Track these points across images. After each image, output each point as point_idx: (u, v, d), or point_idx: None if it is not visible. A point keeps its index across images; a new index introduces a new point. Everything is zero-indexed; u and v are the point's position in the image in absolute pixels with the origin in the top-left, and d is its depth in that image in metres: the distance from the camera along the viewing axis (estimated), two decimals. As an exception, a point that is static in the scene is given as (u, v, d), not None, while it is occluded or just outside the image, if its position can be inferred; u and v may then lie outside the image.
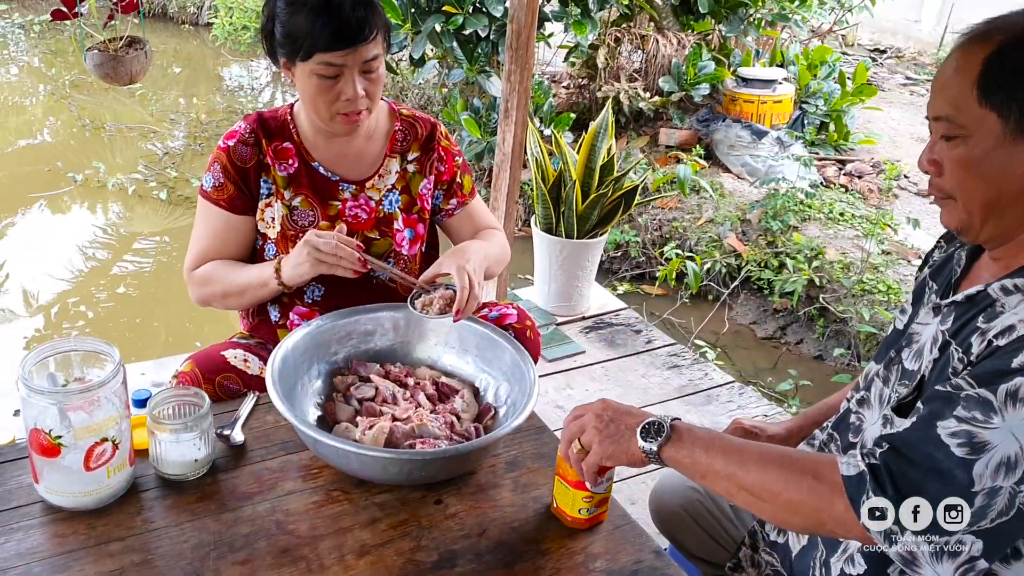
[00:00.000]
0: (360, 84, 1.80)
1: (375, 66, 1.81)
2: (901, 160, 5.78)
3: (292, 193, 1.95)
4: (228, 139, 1.95)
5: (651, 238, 5.15)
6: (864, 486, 1.14)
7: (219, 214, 1.94)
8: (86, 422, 1.38)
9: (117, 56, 2.95)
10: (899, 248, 4.69)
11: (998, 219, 1.25)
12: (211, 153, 1.91)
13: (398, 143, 2.02)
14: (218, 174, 1.93)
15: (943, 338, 1.29)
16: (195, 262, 1.96)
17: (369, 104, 1.84)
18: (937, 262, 1.49)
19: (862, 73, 5.99)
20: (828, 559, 1.42)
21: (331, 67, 1.77)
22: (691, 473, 1.29)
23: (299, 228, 1.94)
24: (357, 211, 1.97)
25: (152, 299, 4.99)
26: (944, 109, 1.23)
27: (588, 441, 1.36)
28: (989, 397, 1.12)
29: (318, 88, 1.80)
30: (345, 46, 1.75)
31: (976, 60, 1.20)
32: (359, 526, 1.46)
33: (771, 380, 4.19)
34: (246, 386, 1.86)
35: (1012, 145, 1.19)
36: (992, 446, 1.10)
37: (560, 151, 3.50)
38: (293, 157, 1.95)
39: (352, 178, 1.98)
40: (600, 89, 5.86)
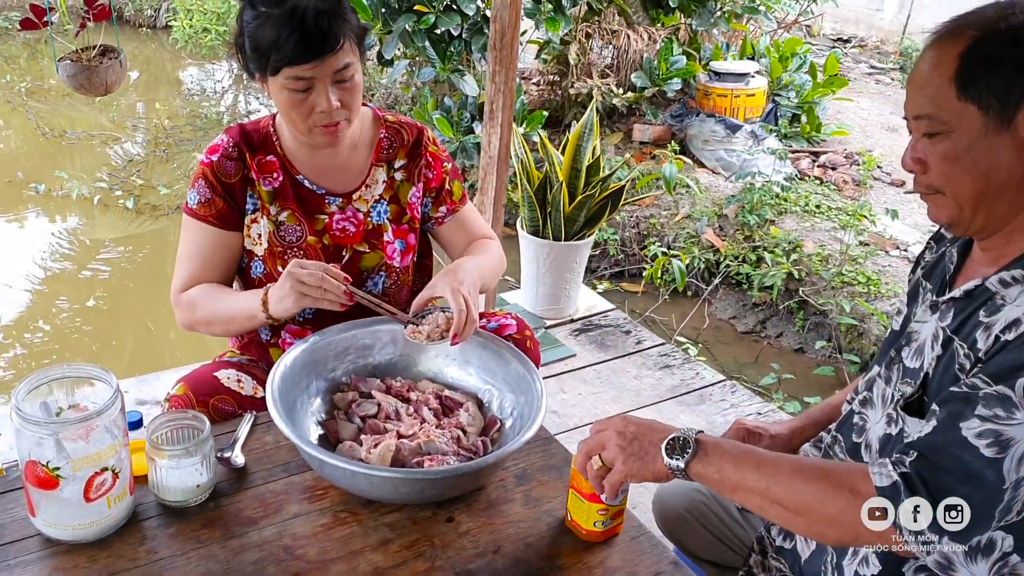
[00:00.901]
0: (334, 95, 1.74)
1: (348, 75, 1.75)
2: (873, 150, 5.82)
3: (278, 208, 1.89)
4: (211, 153, 1.89)
5: (629, 236, 5.14)
6: (899, 497, 1.14)
7: (208, 231, 1.88)
8: (84, 452, 1.33)
9: (91, 66, 2.87)
10: (877, 239, 4.71)
11: (988, 210, 1.25)
12: (176, 160, 1.84)
13: (384, 151, 1.97)
14: (204, 189, 1.87)
15: (944, 335, 1.29)
16: (183, 284, 1.89)
17: (347, 114, 1.79)
18: (930, 263, 1.49)
19: (833, 64, 6.03)
20: (840, 562, 1.41)
21: (300, 80, 1.72)
22: (720, 488, 1.27)
23: (287, 244, 1.89)
24: (345, 224, 1.92)
25: (120, 311, 4.89)
26: (924, 107, 1.24)
27: (611, 459, 1.34)
28: (1008, 393, 1.12)
29: (291, 102, 1.75)
30: (311, 58, 1.69)
31: (951, 56, 1.21)
32: (370, 548, 1.42)
33: (753, 374, 4.19)
34: (240, 407, 1.80)
35: (995, 136, 1.20)
36: (1016, 441, 1.10)
37: (546, 152, 3.47)
38: (278, 171, 1.90)
39: (338, 190, 1.92)
40: (572, 86, 5.84)
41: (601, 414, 2.96)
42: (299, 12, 1.67)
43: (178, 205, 5.89)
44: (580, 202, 3.39)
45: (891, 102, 6.95)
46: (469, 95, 4.92)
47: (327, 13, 1.69)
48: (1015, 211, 1.25)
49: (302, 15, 1.67)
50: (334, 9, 1.71)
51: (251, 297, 1.79)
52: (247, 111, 8.54)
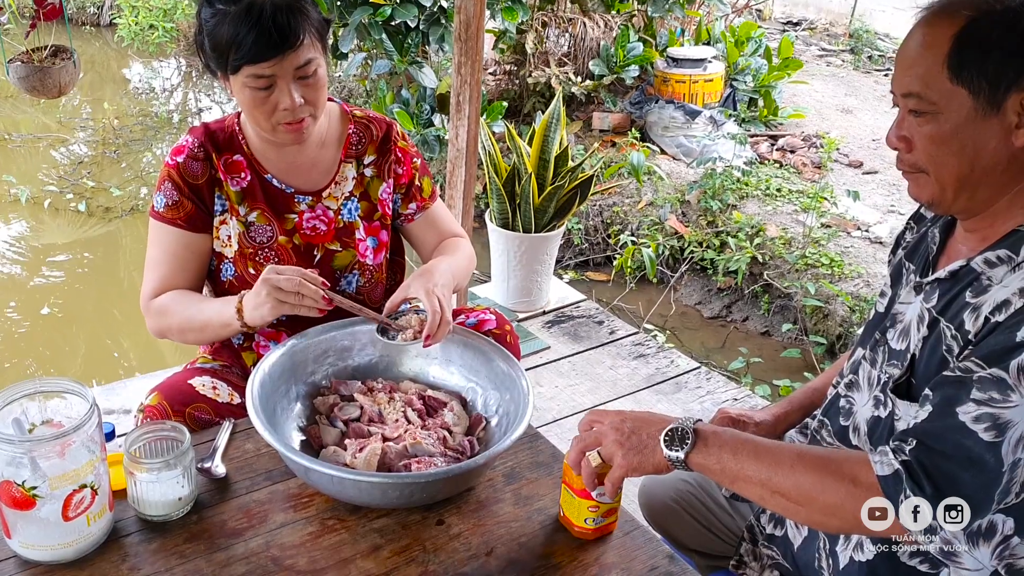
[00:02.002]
0: (297, 92, 1.70)
1: (310, 71, 1.71)
2: (829, 132, 5.87)
3: (247, 208, 1.85)
4: (176, 155, 1.84)
5: (593, 224, 5.13)
6: (901, 485, 1.14)
7: (177, 235, 1.83)
8: (62, 469, 1.27)
9: (43, 67, 2.78)
10: (839, 221, 4.75)
11: (971, 193, 1.25)
12: (127, 160, 1.77)
13: (352, 147, 1.93)
14: (171, 192, 1.82)
15: (930, 316, 1.29)
16: (153, 291, 1.83)
17: (312, 111, 1.75)
18: (911, 243, 1.49)
19: (787, 47, 6.07)
20: (833, 548, 1.41)
21: (261, 78, 1.68)
22: (720, 478, 1.27)
23: (257, 245, 1.85)
24: (315, 222, 1.88)
25: (72, 317, 4.78)
26: (913, 86, 1.23)
27: (610, 454, 1.32)
28: (1002, 375, 1.12)
29: (253, 100, 1.71)
30: (271, 56, 1.66)
31: (944, 37, 1.20)
32: (361, 555, 1.39)
33: (721, 359, 4.21)
34: (217, 415, 1.75)
35: (983, 120, 1.19)
36: (1014, 423, 1.10)
37: (513, 143, 3.44)
38: (245, 170, 1.86)
39: (307, 189, 1.89)
40: (530, 75, 5.81)
41: (579, 406, 2.95)
42: (257, 8, 1.64)
43: (132, 206, 5.78)
44: (549, 193, 3.37)
45: (844, 84, 7.01)
46: (428, 87, 4.87)
47: (286, 8, 1.65)
48: (998, 194, 1.25)
49: (260, 11, 1.64)
50: (293, 4, 1.67)
51: (225, 304, 1.74)
52: (197, 108, 8.39)
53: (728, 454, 1.25)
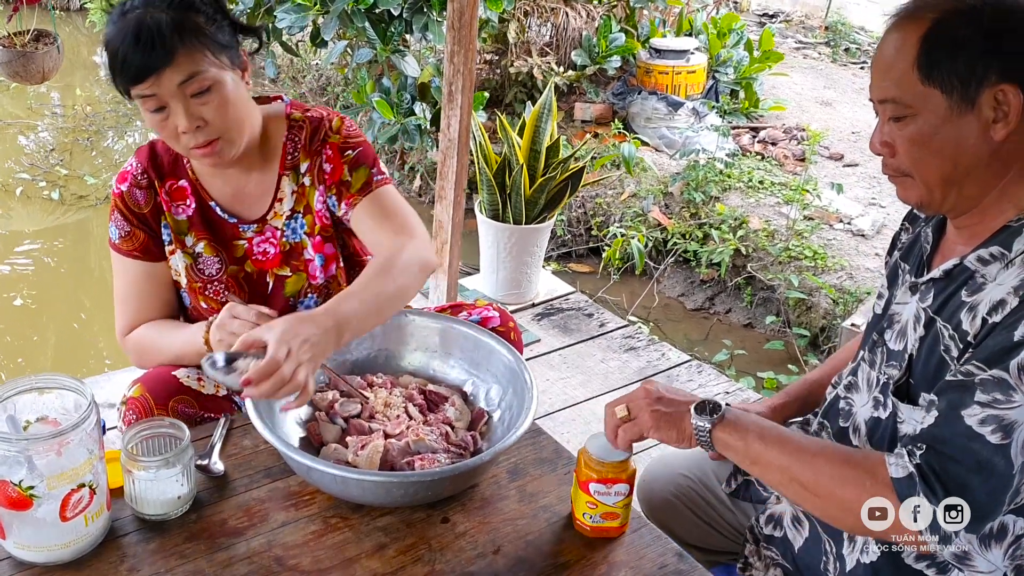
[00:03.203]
0: (193, 111, 1.56)
1: (202, 86, 1.56)
2: (810, 124, 5.88)
3: (193, 239, 1.76)
4: (120, 182, 1.75)
5: (576, 216, 5.11)
6: (915, 488, 1.14)
7: (136, 267, 1.76)
8: (59, 468, 1.23)
9: (26, 52, 2.71)
10: (821, 213, 4.77)
11: (958, 191, 1.26)
12: (99, 147, 1.67)
13: (288, 157, 1.76)
14: (121, 223, 1.75)
15: (926, 315, 1.30)
16: (126, 327, 1.78)
17: (221, 131, 1.60)
18: (906, 243, 1.49)
19: (768, 39, 6.07)
20: (840, 551, 1.41)
21: (148, 99, 1.56)
22: (741, 458, 1.29)
23: (206, 278, 1.77)
24: (265, 246, 1.78)
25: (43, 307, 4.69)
26: (889, 91, 1.25)
27: (638, 408, 1.35)
28: (1003, 376, 1.13)
29: (153, 123, 1.60)
30: (144, 74, 1.52)
31: (912, 40, 1.22)
32: (366, 555, 1.36)
33: (704, 351, 4.22)
34: (202, 408, 1.71)
35: (959, 118, 1.21)
36: (1019, 424, 1.11)
37: (505, 134, 3.41)
38: (189, 197, 1.75)
39: (253, 216, 1.78)
40: (512, 65, 5.77)
41: (571, 399, 2.94)
42: (132, 24, 1.52)
43: (106, 195, 5.68)
44: (541, 184, 3.35)
45: (823, 76, 7.03)
46: (410, 75, 4.81)
47: (159, 23, 1.52)
48: (985, 190, 1.26)
49: (131, 26, 1.52)
50: (173, 17, 1.54)
51: (195, 335, 1.67)
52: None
53: (754, 436, 1.28)
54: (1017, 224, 1.24)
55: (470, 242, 3.93)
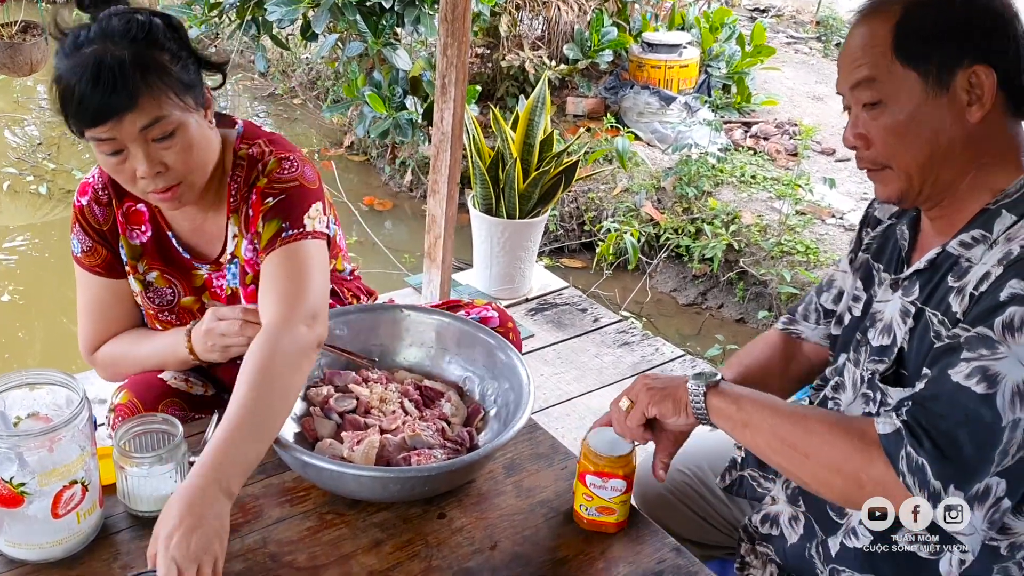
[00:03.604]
0: (155, 156, 1.45)
1: (165, 131, 1.44)
2: (802, 119, 5.88)
3: (145, 267, 1.69)
4: (81, 195, 1.66)
5: (568, 211, 5.10)
6: (902, 442, 1.15)
7: (99, 283, 1.70)
8: (51, 465, 1.22)
9: (13, 44, 2.68)
10: (814, 208, 4.77)
11: (935, 177, 1.27)
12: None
13: (232, 198, 1.64)
14: (83, 237, 1.67)
15: (915, 307, 1.30)
16: (92, 343, 1.72)
17: (183, 175, 1.49)
18: (874, 244, 1.50)
19: (760, 34, 6.07)
20: (826, 539, 1.40)
21: (105, 143, 1.44)
22: (733, 424, 1.31)
23: (157, 307, 1.72)
24: (223, 281, 1.71)
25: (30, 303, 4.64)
26: (863, 72, 1.27)
27: (635, 394, 1.39)
28: (987, 332, 1.14)
29: (110, 167, 1.49)
30: (101, 119, 1.40)
31: (885, 29, 1.24)
32: (362, 551, 1.35)
33: (696, 346, 4.21)
34: (192, 410, 1.68)
35: (935, 101, 1.23)
36: (1004, 376, 1.12)
37: (498, 128, 3.39)
38: (146, 223, 1.67)
39: (208, 256, 1.69)
40: (503, 59, 5.75)
41: (565, 395, 2.94)
42: (89, 62, 1.39)
43: (95, 190, 5.64)
44: (534, 179, 3.33)
45: (814, 71, 7.03)
46: (401, 69, 4.79)
47: (119, 61, 1.39)
48: (960, 175, 1.27)
49: (94, 64, 1.38)
50: (137, 54, 1.41)
51: (177, 345, 1.62)
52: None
53: (747, 400, 1.31)
54: (995, 206, 1.25)
55: (463, 237, 3.92)
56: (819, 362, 1.66)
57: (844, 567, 1.37)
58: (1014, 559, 1.27)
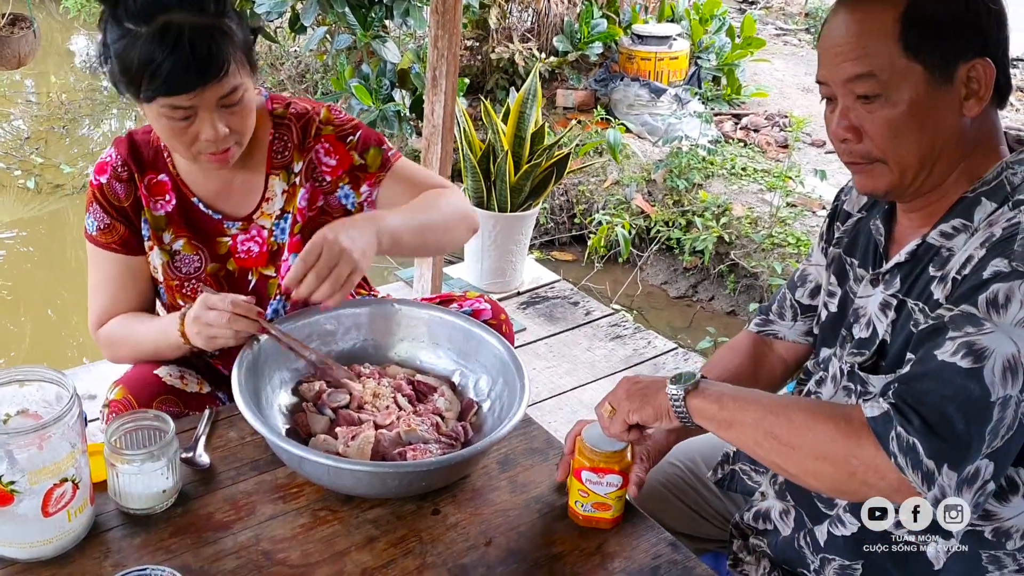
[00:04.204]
0: (220, 121, 1.52)
1: (235, 99, 1.53)
2: (793, 111, 5.88)
3: (172, 236, 1.71)
4: (99, 174, 1.69)
5: (558, 203, 5.09)
6: (891, 422, 1.12)
7: (114, 260, 1.71)
8: (41, 463, 1.20)
9: (1, 37, 2.64)
10: (804, 200, 4.77)
11: (930, 171, 1.25)
12: (75, 136, 1.58)
13: (276, 156, 1.72)
14: (100, 215, 1.68)
15: (897, 300, 1.29)
16: (99, 319, 1.73)
17: (238, 138, 1.58)
18: (845, 238, 1.48)
19: (750, 25, 6.07)
20: (813, 528, 1.40)
21: (179, 110, 1.49)
22: (717, 424, 1.26)
23: (183, 276, 1.73)
24: (250, 244, 1.74)
25: (18, 297, 4.61)
26: (862, 66, 1.21)
27: (617, 399, 1.35)
28: (970, 310, 1.12)
29: (171, 130, 1.53)
30: (189, 88, 1.46)
31: (889, 18, 1.19)
32: (356, 548, 1.34)
33: (687, 338, 4.21)
34: (187, 407, 1.67)
35: (937, 94, 1.20)
36: (991, 351, 1.09)
37: (489, 120, 3.37)
38: (169, 192, 1.70)
39: (237, 214, 1.73)
40: (493, 51, 5.73)
41: (557, 389, 2.93)
42: (173, 32, 1.43)
43: (83, 184, 5.60)
44: (526, 171, 3.32)
45: (804, 63, 7.04)
46: (390, 62, 4.77)
47: (207, 31, 1.45)
48: (951, 169, 1.25)
49: (177, 36, 1.42)
50: (215, 25, 1.47)
51: (170, 328, 1.62)
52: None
53: (729, 398, 1.26)
54: (973, 194, 1.24)
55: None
56: (794, 361, 1.64)
57: (834, 555, 1.37)
58: (1004, 549, 1.26)
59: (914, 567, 1.31)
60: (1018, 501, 1.24)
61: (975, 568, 1.28)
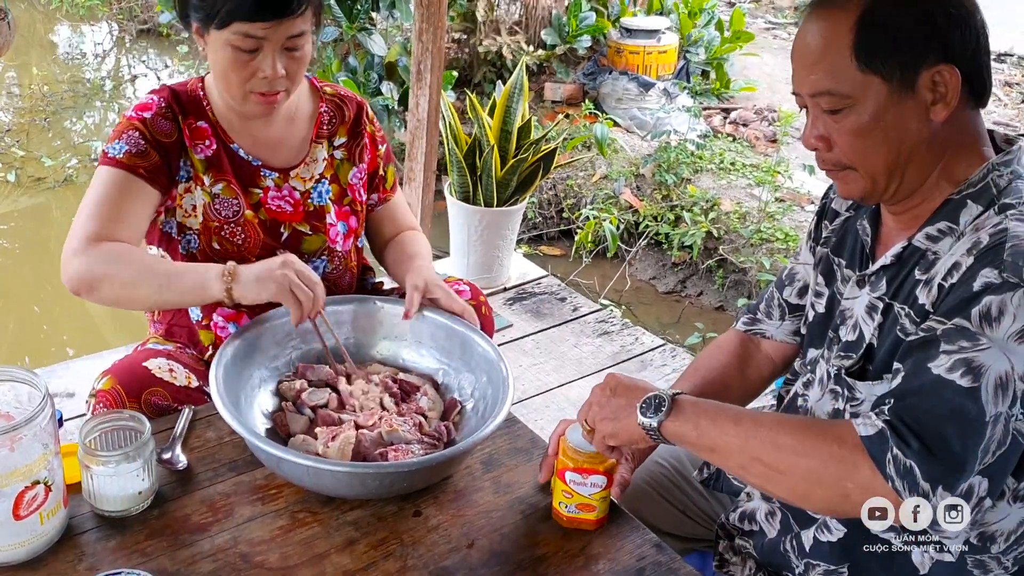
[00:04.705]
0: (281, 62, 1.61)
1: (300, 43, 1.62)
2: (781, 105, 5.87)
3: (212, 179, 1.74)
4: (143, 110, 1.70)
5: (546, 198, 5.07)
6: (887, 444, 1.09)
7: (134, 183, 1.64)
8: (12, 465, 1.18)
9: (-26, 27, 2.60)
10: (793, 195, 4.76)
11: (901, 177, 1.24)
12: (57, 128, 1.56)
13: (324, 127, 1.84)
14: (138, 141, 1.66)
15: (883, 303, 1.28)
16: (94, 234, 1.58)
17: (289, 85, 1.66)
18: (833, 238, 1.47)
19: (739, 19, 6.05)
20: (800, 533, 1.39)
21: (250, 39, 1.58)
22: (699, 448, 1.22)
23: (223, 219, 1.73)
24: (280, 203, 1.78)
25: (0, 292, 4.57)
26: (822, 84, 1.21)
27: (591, 418, 1.31)
28: (964, 324, 1.10)
29: (233, 62, 1.60)
30: (268, 18, 1.55)
31: (844, 27, 1.18)
32: (336, 550, 1.32)
33: (675, 334, 4.20)
34: (176, 400, 1.64)
35: (900, 103, 1.19)
36: (987, 367, 1.07)
37: (475, 114, 3.34)
38: (210, 138, 1.74)
39: (275, 164, 1.79)
40: (480, 44, 5.70)
41: (544, 386, 2.91)
42: None
43: (65, 177, 5.55)
44: (512, 166, 3.29)
45: (792, 57, 7.02)
46: (377, 54, 4.74)
47: None
48: (926, 173, 1.24)
49: None
50: None
51: (206, 269, 1.56)
52: (131, 75, 8.09)
53: (707, 420, 1.20)
54: (959, 196, 1.23)
55: (440, 225, 3.88)
56: (782, 360, 1.62)
57: (819, 561, 1.36)
58: (989, 552, 1.25)
59: (900, 572, 1.30)
60: (1003, 506, 1.23)
61: (961, 572, 1.27)
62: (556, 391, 2.91)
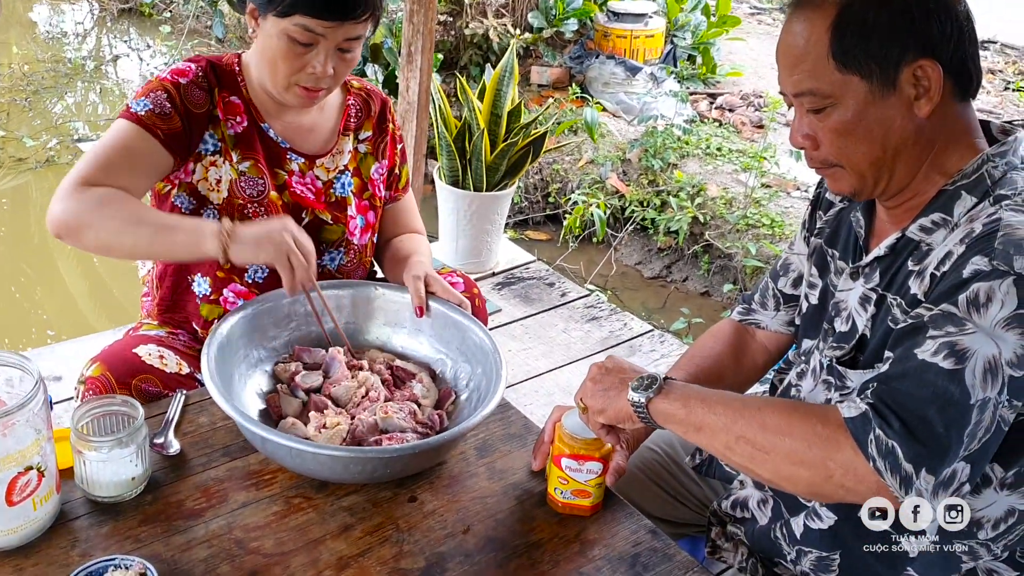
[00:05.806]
0: (332, 62, 1.61)
1: (355, 46, 1.64)
2: (767, 91, 5.87)
3: (240, 156, 1.72)
4: (178, 75, 1.67)
5: (533, 183, 5.06)
6: (869, 424, 1.09)
7: (148, 142, 1.61)
8: (4, 451, 1.17)
9: (-41, 5, 2.55)
10: (779, 181, 4.77)
11: (889, 173, 1.25)
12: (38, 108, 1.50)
13: (350, 119, 1.85)
14: (164, 104, 1.63)
15: (876, 294, 1.29)
16: (90, 178, 1.55)
17: (333, 84, 1.67)
18: (827, 228, 1.48)
19: (725, 4, 6.04)
20: (789, 519, 1.40)
21: (308, 33, 1.57)
22: (685, 428, 1.22)
23: (247, 197, 1.71)
24: (303, 188, 1.78)
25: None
26: (804, 84, 1.22)
27: (584, 396, 1.33)
28: (951, 309, 1.10)
29: (285, 53, 1.60)
30: (332, 17, 1.56)
31: (821, 28, 1.19)
32: (331, 536, 1.31)
33: (660, 319, 4.21)
34: (166, 387, 1.63)
35: (882, 100, 1.20)
36: (972, 352, 1.07)
37: (465, 98, 3.32)
38: (242, 115, 1.74)
39: (303, 150, 1.79)
40: (467, 26, 5.66)
41: (533, 371, 2.91)
42: None
43: (47, 158, 5.49)
44: (502, 150, 3.28)
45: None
46: (363, 37, 4.72)
47: None
48: (915, 168, 1.25)
49: None
50: None
51: (203, 224, 1.53)
52: (113, 55, 8.00)
53: (696, 400, 1.22)
54: (953, 187, 1.23)
55: (428, 209, 3.86)
56: (777, 350, 1.63)
57: (810, 547, 1.37)
58: (977, 539, 1.26)
59: (891, 558, 1.31)
60: (989, 493, 1.24)
61: (949, 558, 1.28)
62: (545, 376, 2.92)
